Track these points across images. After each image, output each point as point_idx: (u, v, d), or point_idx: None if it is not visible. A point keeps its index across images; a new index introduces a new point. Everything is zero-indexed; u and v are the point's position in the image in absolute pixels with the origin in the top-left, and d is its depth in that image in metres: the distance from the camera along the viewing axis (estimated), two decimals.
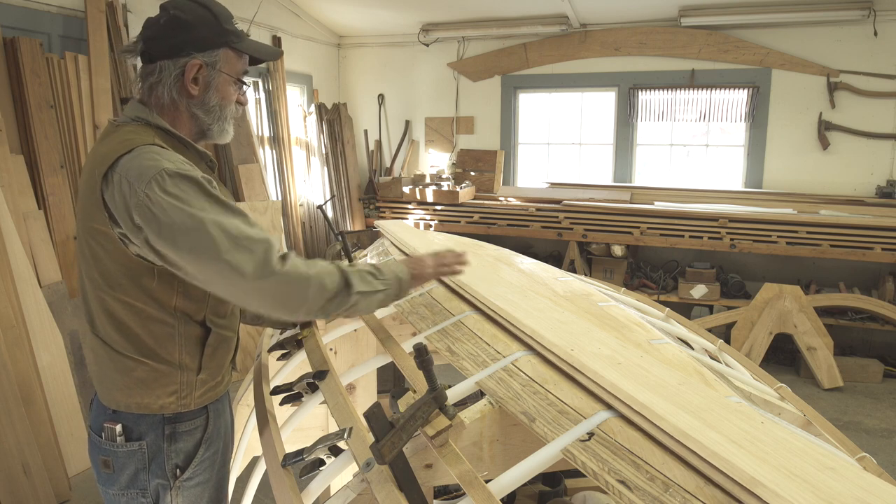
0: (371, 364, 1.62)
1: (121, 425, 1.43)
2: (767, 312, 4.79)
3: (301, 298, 1.33)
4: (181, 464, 1.47)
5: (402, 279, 1.49)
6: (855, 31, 5.10)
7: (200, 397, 1.48)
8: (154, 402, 1.43)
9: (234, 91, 1.51)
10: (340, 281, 1.37)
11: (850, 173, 5.31)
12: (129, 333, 1.41)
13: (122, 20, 4.16)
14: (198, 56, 1.42)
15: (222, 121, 1.51)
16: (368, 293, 1.42)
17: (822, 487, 0.82)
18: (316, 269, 1.35)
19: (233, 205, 1.36)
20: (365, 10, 6.03)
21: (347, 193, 6.46)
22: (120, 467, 1.44)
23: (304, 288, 1.32)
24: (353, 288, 1.38)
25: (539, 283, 2.02)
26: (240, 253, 1.28)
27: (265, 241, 1.31)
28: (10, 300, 3.12)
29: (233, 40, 1.46)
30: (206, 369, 1.48)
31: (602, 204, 5.59)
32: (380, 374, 2.47)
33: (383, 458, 1.03)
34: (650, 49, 5.66)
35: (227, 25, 1.46)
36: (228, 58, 1.47)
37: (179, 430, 1.46)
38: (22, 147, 3.57)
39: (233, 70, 1.48)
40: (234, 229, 1.30)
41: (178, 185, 1.29)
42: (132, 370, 1.41)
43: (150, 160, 1.31)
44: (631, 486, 0.90)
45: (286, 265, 1.31)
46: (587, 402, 1.13)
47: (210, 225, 1.28)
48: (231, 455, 1.66)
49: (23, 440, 2.99)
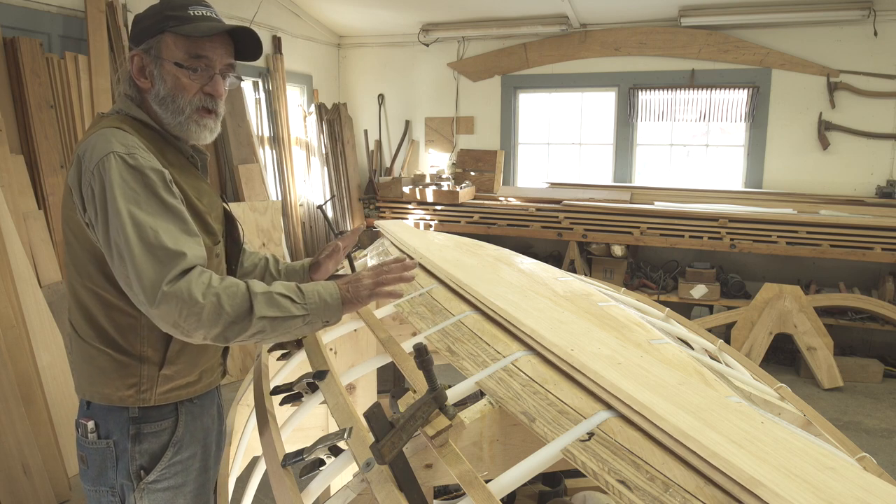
0: (371, 364, 1.62)
1: (93, 422, 1.43)
2: (767, 312, 4.79)
3: (193, 322, 1.23)
4: (146, 465, 1.44)
5: (328, 303, 1.34)
6: (855, 31, 5.10)
7: (164, 394, 1.44)
8: (114, 392, 1.41)
9: (186, 79, 1.40)
10: (244, 304, 1.26)
11: (850, 173, 5.32)
12: (94, 322, 1.40)
13: (122, 20, 4.16)
14: (137, 48, 1.40)
15: (178, 114, 1.42)
16: (278, 318, 1.29)
17: (822, 487, 0.82)
18: (215, 291, 1.24)
19: (173, 206, 1.31)
20: (365, 10, 6.03)
21: (347, 193, 6.46)
22: (92, 463, 1.44)
23: (195, 311, 1.22)
24: (255, 314, 1.26)
25: (539, 283, 2.02)
26: (146, 261, 1.23)
27: (179, 255, 1.25)
28: (10, 300, 3.12)
29: (170, 24, 1.38)
30: (172, 364, 1.43)
31: (602, 204, 5.59)
32: (380, 374, 2.47)
33: (383, 458, 1.03)
34: (650, 49, 5.66)
35: (170, 12, 1.39)
36: (168, 44, 1.39)
37: (144, 431, 1.43)
38: (22, 147, 3.57)
39: (173, 56, 1.39)
40: (152, 235, 1.25)
41: (121, 171, 1.27)
42: (94, 359, 1.41)
43: (105, 141, 1.30)
44: (631, 486, 0.90)
45: (178, 284, 1.22)
46: (587, 402, 1.13)
47: (130, 223, 1.24)
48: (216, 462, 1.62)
49: (23, 440, 2.99)
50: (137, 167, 1.29)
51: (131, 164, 1.28)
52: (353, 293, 1.38)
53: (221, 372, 1.64)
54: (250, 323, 1.27)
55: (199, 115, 1.44)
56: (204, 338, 1.27)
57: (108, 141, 1.31)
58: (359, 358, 2.18)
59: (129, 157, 1.29)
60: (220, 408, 1.66)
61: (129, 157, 1.29)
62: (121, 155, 1.29)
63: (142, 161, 1.30)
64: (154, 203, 1.28)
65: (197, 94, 1.42)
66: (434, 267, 2.04)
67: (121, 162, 1.28)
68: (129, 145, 1.31)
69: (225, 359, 1.65)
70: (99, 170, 1.28)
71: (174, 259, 1.25)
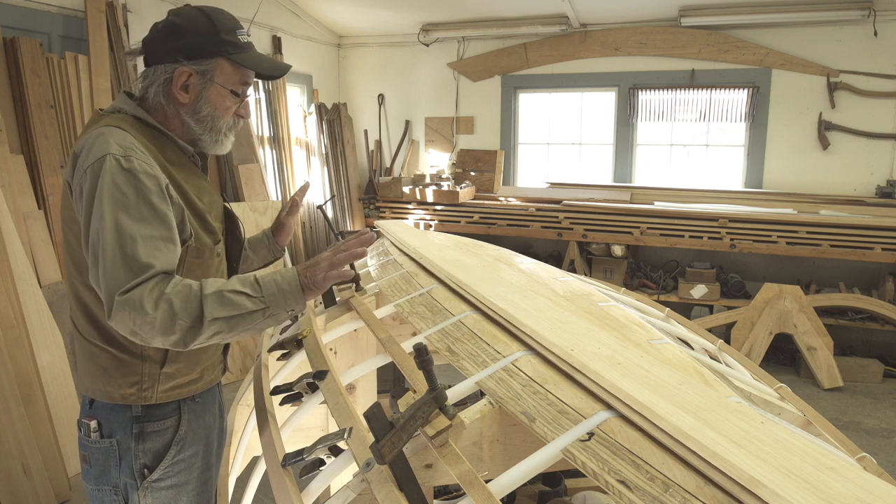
0: (371, 364, 1.62)
1: (96, 421, 1.43)
2: (767, 312, 4.79)
3: (148, 330, 1.22)
4: (149, 464, 1.45)
5: (287, 291, 1.31)
6: (855, 31, 5.10)
7: (166, 392, 1.45)
8: (115, 391, 1.41)
9: (231, 103, 1.46)
10: (196, 308, 1.24)
11: (850, 173, 5.32)
12: (95, 320, 1.40)
13: (122, 20, 4.17)
14: (187, 64, 1.40)
15: (215, 132, 1.47)
16: (234, 317, 1.26)
17: (822, 487, 0.82)
18: (167, 297, 1.22)
19: (161, 211, 1.30)
20: (365, 10, 6.03)
21: (347, 193, 6.46)
22: (95, 462, 1.45)
23: (148, 320, 1.21)
24: (206, 315, 1.23)
25: (539, 283, 2.02)
26: (117, 269, 1.23)
27: (146, 267, 1.24)
28: (10, 300, 3.12)
29: (229, 51, 1.42)
30: (174, 363, 1.44)
31: (602, 204, 5.59)
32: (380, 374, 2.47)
33: (383, 458, 1.03)
34: (650, 49, 5.66)
35: (226, 36, 1.42)
36: (224, 69, 1.43)
37: (148, 430, 1.44)
38: (22, 147, 3.57)
39: (228, 81, 1.44)
40: (130, 244, 1.24)
41: (114, 173, 1.27)
42: (96, 357, 1.41)
43: (103, 141, 1.30)
44: (631, 486, 0.90)
45: (131, 294, 1.21)
46: (587, 402, 1.13)
47: (111, 227, 1.24)
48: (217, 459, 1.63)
49: (23, 440, 2.99)
50: (131, 170, 1.29)
51: (125, 167, 1.28)
52: (310, 277, 1.35)
53: (222, 369, 1.65)
54: (202, 326, 1.24)
55: (229, 132, 1.51)
56: (162, 343, 1.26)
57: (106, 141, 1.31)
58: (359, 358, 2.18)
59: (125, 159, 1.29)
60: (221, 405, 1.67)
61: (125, 159, 1.29)
62: (117, 157, 1.28)
63: (136, 164, 1.30)
64: (142, 207, 1.28)
65: (232, 115, 1.49)
66: (434, 267, 2.04)
67: (116, 164, 1.28)
68: (126, 147, 1.31)
69: (225, 356, 1.67)
70: (93, 169, 1.28)
71: (140, 271, 1.24)
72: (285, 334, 1.86)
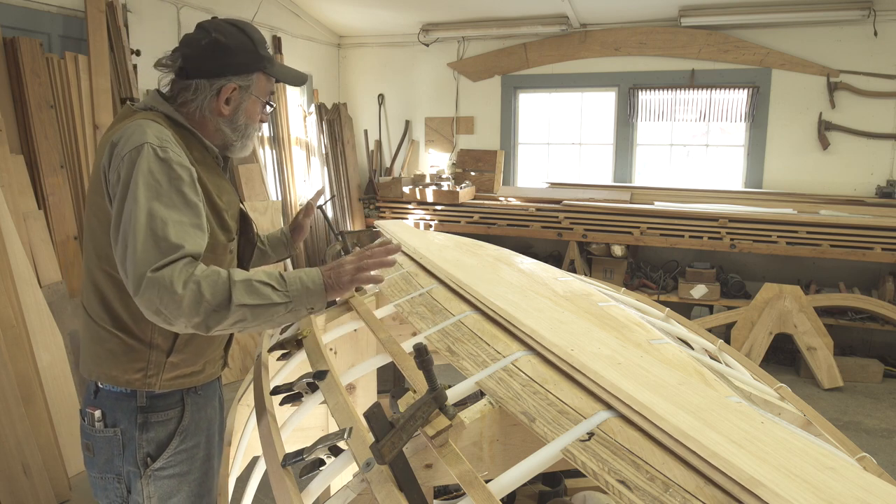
0: (371, 364, 1.62)
1: (100, 411, 1.48)
2: (767, 312, 4.79)
3: (174, 310, 1.26)
4: (152, 453, 1.49)
5: (311, 289, 1.38)
6: (855, 31, 5.10)
7: (170, 381, 1.49)
8: (121, 375, 1.46)
9: (259, 111, 1.59)
10: (224, 293, 1.28)
11: (850, 173, 5.32)
12: (108, 305, 1.45)
13: (122, 20, 4.16)
14: (234, 80, 1.51)
15: (246, 138, 1.59)
16: (258, 307, 1.31)
17: (822, 487, 0.82)
18: (196, 279, 1.27)
19: (192, 200, 1.37)
20: (365, 10, 6.03)
21: (347, 193, 6.46)
22: (98, 451, 1.49)
23: (175, 300, 1.24)
24: (234, 301, 1.28)
25: (539, 283, 2.02)
26: (145, 250, 1.27)
27: (177, 247, 1.29)
28: (10, 300, 3.12)
29: (266, 66, 1.55)
30: (179, 353, 1.49)
31: (602, 204, 5.59)
32: (380, 374, 2.47)
33: (383, 458, 1.03)
34: (650, 49, 5.66)
35: (262, 51, 1.54)
36: (260, 81, 1.55)
37: (151, 420, 1.48)
38: (22, 147, 3.57)
39: (262, 92, 1.57)
40: (160, 227, 1.29)
41: (150, 161, 1.33)
42: (105, 341, 1.46)
43: (140, 131, 1.37)
44: (631, 486, 0.90)
45: (161, 272, 1.25)
46: (587, 402, 1.13)
47: (144, 210, 1.30)
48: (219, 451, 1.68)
49: (23, 440, 2.99)
50: (166, 160, 1.35)
51: (161, 157, 1.35)
52: (334, 279, 1.43)
53: (222, 364, 1.70)
54: (229, 311, 1.29)
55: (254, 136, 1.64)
56: (185, 326, 1.29)
57: (144, 132, 1.37)
58: (359, 358, 2.18)
59: (161, 149, 1.36)
60: (221, 399, 1.72)
61: (161, 149, 1.36)
62: (154, 146, 1.35)
63: (172, 155, 1.37)
64: (174, 195, 1.34)
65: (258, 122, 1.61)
66: (434, 267, 2.04)
67: (152, 153, 1.35)
68: (163, 138, 1.38)
69: (227, 351, 1.72)
70: (130, 156, 1.34)
71: (170, 250, 1.29)
72: (285, 334, 1.86)
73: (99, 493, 1.54)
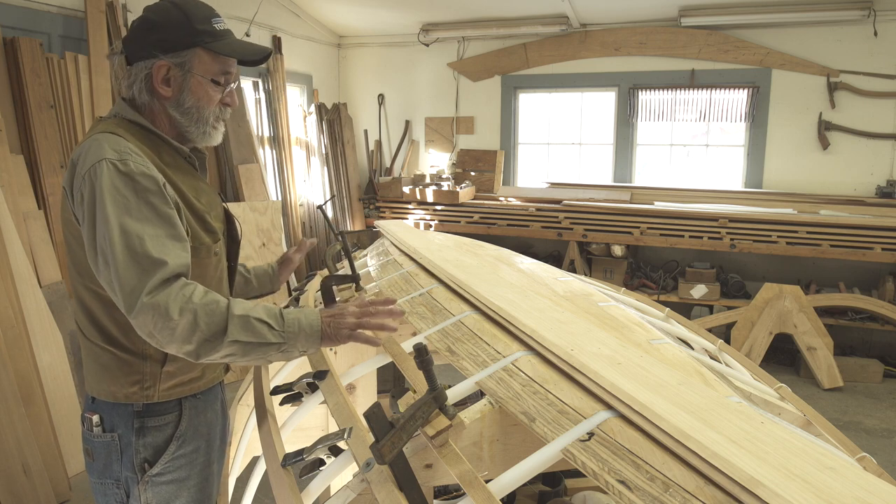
0: (371, 364, 1.62)
1: (98, 416, 1.46)
2: (767, 312, 4.79)
3: (167, 336, 1.23)
4: (150, 458, 1.46)
5: (307, 333, 1.32)
6: (855, 31, 5.10)
7: (168, 390, 1.47)
8: (119, 390, 1.44)
9: (213, 92, 1.47)
10: (220, 324, 1.25)
11: (850, 173, 5.32)
12: (96, 321, 1.42)
13: (122, 20, 4.16)
14: (164, 57, 1.41)
15: (202, 122, 1.48)
16: (250, 344, 1.27)
17: (822, 487, 0.82)
18: (193, 307, 1.24)
19: (163, 212, 1.32)
20: (365, 10, 6.03)
21: (347, 193, 6.46)
22: (97, 456, 1.47)
23: (170, 326, 1.22)
24: (227, 336, 1.25)
25: (539, 283, 2.02)
26: (129, 269, 1.24)
27: (159, 263, 1.25)
28: (10, 300, 3.12)
29: (205, 40, 1.42)
30: (174, 362, 1.45)
31: (602, 204, 5.59)
32: (380, 374, 2.47)
33: (383, 458, 1.03)
34: (650, 49, 5.66)
35: (200, 25, 1.42)
36: (202, 59, 1.43)
37: (148, 425, 1.46)
38: (22, 147, 3.57)
39: (208, 71, 1.44)
40: (138, 243, 1.26)
41: (112, 177, 1.29)
42: (98, 357, 1.44)
43: (97, 147, 1.33)
44: (631, 486, 0.90)
45: (157, 296, 1.22)
46: (587, 402, 1.12)
47: (116, 229, 1.26)
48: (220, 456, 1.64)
49: (23, 440, 2.99)
50: (128, 173, 1.30)
51: (122, 171, 1.30)
52: (332, 329, 1.35)
53: (224, 368, 1.66)
54: (221, 344, 1.26)
55: (217, 122, 1.52)
56: (176, 351, 1.27)
57: (101, 147, 1.33)
58: (359, 358, 2.18)
59: (121, 163, 1.31)
60: (224, 403, 1.68)
61: (121, 163, 1.31)
62: (112, 161, 1.30)
63: (133, 167, 1.31)
64: (144, 208, 1.30)
65: (217, 105, 1.49)
66: (434, 267, 2.04)
67: (112, 168, 1.30)
68: (121, 151, 1.33)
69: None
70: (90, 175, 1.30)
71: (155, 267, 1.25)
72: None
73: (99, 499, 1.52)
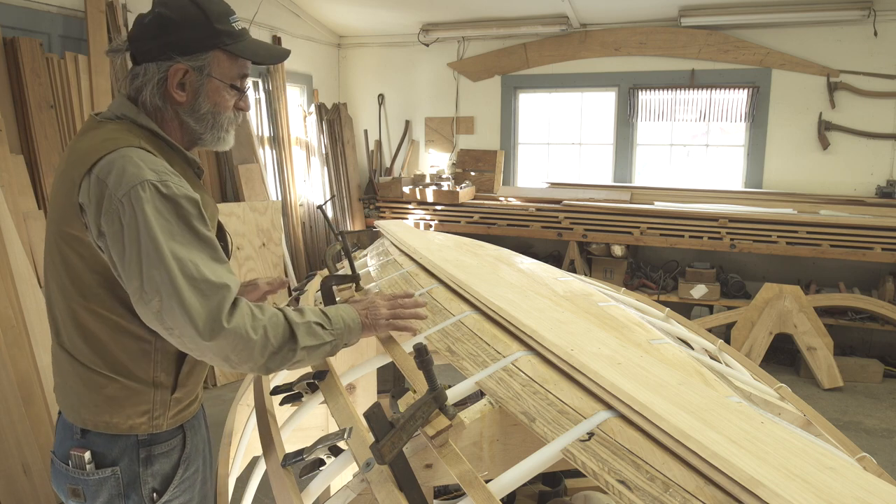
0: (371, 364, 1.62)
1: (89, 452, 1.33)
2: (767, 312, 4.79)
3: (245, 356, 1.22)
4: (158, 487, 1.38)
5: (352, 328, 1.37)
6: (855, 31, 5.10)
7: (174, 417, 1.39)
8: (123, 422, 1.33)
9: (229, 97, 1.38)
10: (286, 335, 1.26)
11: (850, 173, 5.32)
12: (101, 347, 1.30)
13: (122, 20, 4.17)
14: (182, 60, 1.30)
15: (217, 129, 1.39)
16: (314, 347, 1.29)
17: (822, 487, 0.82)
18: (262, 323, 1.23)
19: (205, 234, 1.25)
20: (365, 10, 6.03)
21: (347, 193, 6.46)
22: (91, 495, 1.34)
23: (249, 346, 1.21)
24: (299, 344, 1.26)
25: (539, 283, 2.02)
26: (194, 296, 1.18)
27: (223, 287, 1.20)
28: (10, 300, 3.12)
29: (225, 42, 1.32)
30: (183, 388, 1.39)
31: (602, 204, 5.59)
32: (380, 374, 2.47)
33: (383, 458, 1.03)
34: (650, 49, 5.66)
35: (220, 25, 1.31)
36: (220, 61, 1.33)
37: (155, 453, 1.37)
38: (22, 147, 3.57)
39: (226, 75, 1.35)
40: (194, 269, 1.19)
41: (155, 202, 1.19)
42: (102, 387, 1.31)
43: (134, 166, 1.20)
44: (631, 486, 0.90)
45: (234, 321, 1.19)
46: (587, 402, 1.12)
47: (171, 258, 1.18)
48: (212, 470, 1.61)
49: (23, 440, 2.99)
50: (171, 196, 1.21)
51: (165, 194, 1.21)
52: (371, 320, 1.41)
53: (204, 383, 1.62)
54: (294, 353, 1.27)
55: (230, 127, 1.43)
56: (249, 370, 1.26)
57: (138, 166, 1.21)
58: (359, 358, 2.18)
59: (163, 185, 1.21)
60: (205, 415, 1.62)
61: (163, 185, 1.21)
62: (154, 183, 1.20)
63: (175, 189, 1.22)
64: (188, 234, 1.22)
65: (232, 110, 1.41)
66: (434, 267, 2.04)
67: (155, 192, 1.20)
68: (159, 171, 1.23)
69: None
70: (130, 199, 1.18)
71: (219, 291, 1.20)
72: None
73: None
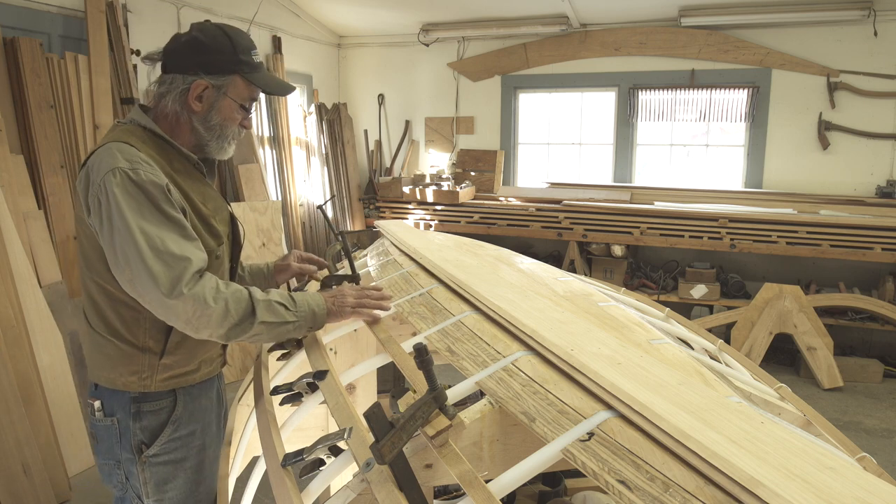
0: (371, 364, 1.62)
1: (99, 402, 1.59)
2: (767, 312, 4.79)
3: (204, 322, 1.41)
4: (146, 440, 1.59)
5: (316, 313, 1.55)
6: (855, 31, 5.10)
7: (164, 381, 1.59)
8: (118, 378, 1.57)
9: (237, 115, 1.62)
10: (247, 309, 1.45)
11: (850, 173, 5.32)
12: (101, 313, 1.55)
13: (122, 20, 4.17)
14: (206, 78, 1.54)
15: (221, 139, 1.62)
16: (274, 324, 1.48)
17: (822, 487, 0.82)
18: (224, 296, 1.42)
19: (172, 215, 1.45)
20: (365, 10, 6.03)
21: (347, 193, 6.46)
22: (101, 439, 1.61)
23: (207, 313, 1.40)
24: (257, 318, 1.45)
25: (539, 283, 2.02)
26: (158, 266, 1.38)
27: (184, 259, 1.41)
28: (10, 300, 3.12)
29: (244, 70, 1.57)
30: (171, 355, 1.58)
31: (602, 204, 5.59)
32: (380, 374, 2.47)
33: (383, 458, 1.03)
34: (650, 49, 5.66)
35: (243, 56, 1.57)
36: (237, 85, 1.58)
37: (144, 410, 1.58)
38: (22, 147, 3.57)
39: (239, 96, 1.59)
40: (159, 242, 1.40)
41: (124, 185, 1.41)
42: (102, 347, 1.56)
43: (111, 157, 1.44)
44: (631, 486, 0.90)
45: (194, 288, 1.39)
46: (587, 402, 1.12)
47: (137, 231, 1.39)
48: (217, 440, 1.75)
49: (23, 440, 2.99)
50: (138, 182, 1.43)
51: (133, 179, 1.42)
52: (337, 306, 1.59)
53: (221, 362, 1.79)
54: (252, 326, 1.45)
55: (233, 140, 1.67)
56: (209, 336, 1.44)
57: (114, 156, 1.44)
58: (359, 358, 2.18)
59: (132, 171, 1.43)
60: (220, 392, 1.81)
61: (132, 171, 1.43)
62: (124, 170, 1.42)
63: (143, 176, 1.44)
64: (156, 214, 1.43)
65: (238, 126, 1.65)
66: (434, 267, 2.04)
67: (124, 177, 1.42)
68: (132, 160, 1.45)
69: (225, 350, 1.80)
70: (104, 184, 1.42)
71: (181, 262, 1.40)
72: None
73: (105, 479, 1.65)
